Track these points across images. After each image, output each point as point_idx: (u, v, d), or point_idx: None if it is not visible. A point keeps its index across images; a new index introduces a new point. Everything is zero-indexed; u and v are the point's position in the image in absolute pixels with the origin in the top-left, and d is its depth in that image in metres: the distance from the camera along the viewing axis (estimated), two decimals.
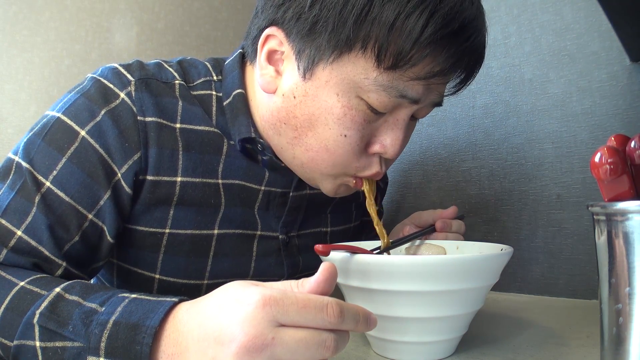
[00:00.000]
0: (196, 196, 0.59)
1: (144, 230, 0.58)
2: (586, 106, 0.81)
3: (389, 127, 0.56)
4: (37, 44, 0.92)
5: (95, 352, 0.39)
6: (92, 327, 0.40)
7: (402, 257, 0.48)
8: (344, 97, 0.53)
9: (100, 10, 1.00)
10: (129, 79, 0.56)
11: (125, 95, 0.55)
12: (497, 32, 0.90)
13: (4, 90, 0.89)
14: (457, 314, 0.47)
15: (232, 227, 0.63)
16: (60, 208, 0.52)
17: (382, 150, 0.56)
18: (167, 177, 0.57)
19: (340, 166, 0.57)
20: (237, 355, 0.35)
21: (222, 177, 0.61)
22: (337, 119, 0.53)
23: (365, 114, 0.53)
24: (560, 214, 0.82)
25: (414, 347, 0.49)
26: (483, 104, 0.93)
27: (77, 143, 0.53)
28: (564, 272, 0.82)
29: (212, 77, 0.63)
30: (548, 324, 0.63)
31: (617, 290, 0.37)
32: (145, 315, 0.40)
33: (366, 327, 0.39)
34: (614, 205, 0.37)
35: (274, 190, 0.65)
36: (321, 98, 0.53)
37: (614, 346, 0.37)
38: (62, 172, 0.52)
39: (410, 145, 1.04)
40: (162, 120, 0.57)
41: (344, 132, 0.54)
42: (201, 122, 0.60)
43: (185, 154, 0.58)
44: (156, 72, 0.59)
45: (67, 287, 0.45)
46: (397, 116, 0.55)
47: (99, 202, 0.54)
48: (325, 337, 0.36)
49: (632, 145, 0.39)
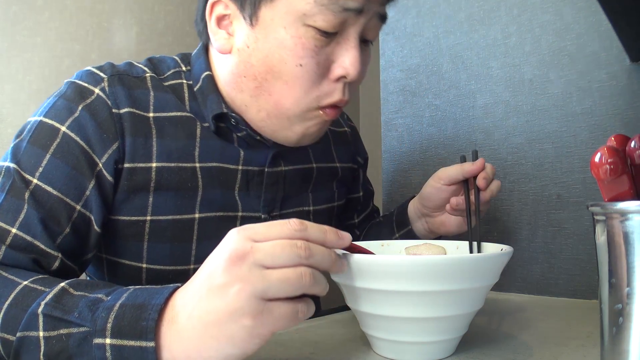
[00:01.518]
0: (173, 180, 0.61)
1: (126, 219, 0.61)
2: (586, 106, 0.81)
3: (343, 49, 0.58)
4: (37, 44, 0.92)
5: (102, 334, 0.40)
6: (99, 312, 0.41)
7: (402, 257, 0.48)
8: (291, 28, 0.55)
9: (100, 10, 1.00)
10: (101, 76, 0.60)
11: (99, 91, 0.59)
12: (497, 32, 0.90)
13: (4, 90, 0.89)
14: (457, 314, 0.47)
15: (212, 210, 0.65)
16: (49, 202, 0.54)
17: (344, 72, 0.58)
18: (142, 163, 0.60)
19: (304, 100, 0.58)
20: (227, 271, 0.38)
21: (199, 161, 0.63)
22: (289, 50, 0.56)
23: (315, 39, 0.55)
24: (560, 214, 0.83)
25: (414, 347, 0.49)
26: (483, 104, 0.93)
27: (59, 139, 0.56)
28: (564, 272, 0.82)
29: (181, 68, 0.67)
30: (548, 324, 0.63)
31: (617, 290, 0.37)
32: (150, 296, 0.41)
33: (336, 237, 0.43)
34: (614, 205, 0.37)
35: (251, 169, 0.67)
36: (271, 37, 0.56)
37: (614, 346, 0.37)
38: (47, 167, 0.55)
39: (410, 145, 1.04)
40: (136, 111, 0.60)
41: (298, 62, 0.56)
42: (174, 109, 0.63)
43: (159, 140, 0.61)
44: (127, 69, 0.63)
45: (71, 283, 0.46)
46: (347, 36, 0.57)
47: (85, 193, 0.56)
48: (296, 241, 0.40)
49: (632, 145, 0.40)
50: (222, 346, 0.38)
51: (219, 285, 0.38)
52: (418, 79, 1.03)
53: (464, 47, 0.96)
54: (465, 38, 0.95)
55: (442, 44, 0.99)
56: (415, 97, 1.03)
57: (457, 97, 0.97)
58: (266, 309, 0.38)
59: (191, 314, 0.39)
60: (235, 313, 0.38)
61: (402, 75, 1.06)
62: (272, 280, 0.38)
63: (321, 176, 0.77)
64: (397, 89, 1.07)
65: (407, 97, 1.05)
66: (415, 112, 1.03)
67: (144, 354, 0.39)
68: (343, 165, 0.82)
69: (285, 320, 0.39)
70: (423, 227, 0.78)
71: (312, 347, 0.54)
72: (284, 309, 0.39)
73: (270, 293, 0.38)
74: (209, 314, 0.38)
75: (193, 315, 0.39)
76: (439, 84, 1.00)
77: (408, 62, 1.05)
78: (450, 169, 0.70)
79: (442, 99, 0.99)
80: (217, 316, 0.38)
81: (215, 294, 0.38)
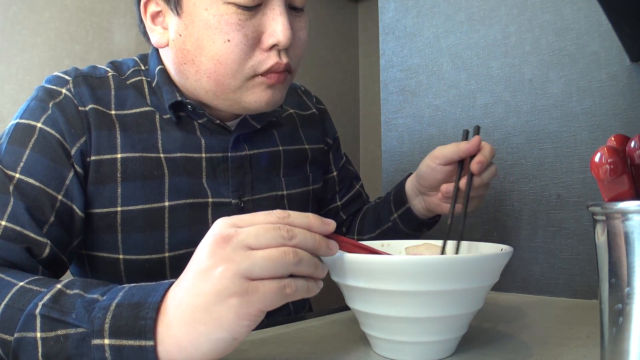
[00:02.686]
0: (138, 170, 0.64)
1: (98, 212, 0.63)
2: (586, 106, 0.81)
3: (270, 18, 0.60)
4: (37, 44, 0.92)
5: (99, 334, 0.40)
6: (95, 312, 0.41)
7: (402, 257, 0.48)
8: (212, 7, 0.59)
9: (100, 10, 1.00)
10: (66, 79, 0.65)
11: (66, 91, 0.64)
12: (497, 32, 0.90)
13: (4, 90, 0.89)
14: (457, 314, 0.47)
15: (182, 198, 0.66)
16: (32, 193, 0.57)
17: (275, 41, 0.60)
18: (107, 155, 0.63)
19: (239, 72, 0.61)
20: (211, 253, 0.39)
21: (163, 152, 0.66)
22: (215, 29, 0.59)
23: (237, 14, 0.58)
24: (560, 214, 0.83)
25: (414, 347, 0.49)
26: (483, 104, 0.93)
27: (36, 134, 0.60)
28: (564, 272, 0.82)
29: (140, 67, 0.71)
30: (548, 324, 0.63)
31: (617, 290, 0.37)
32: (146, 294, 0.41)
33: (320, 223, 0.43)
34: (614, 205, 0.37)
35: (214, 155, 0.69)
36: (197, 20, 0.60)
37: (614, 346, 0.37)
38: (28, 161, 0.58)
39: (411, 145, 1.04)
40: (99, 107, 0.64)
41: (226, 38, 0.59)
42: (134, 105, 0.67)
43: (122, 133, 0.64)
44: (90, 71, 0.67)
45: (67, 284, 0.46)
46: (272, 5, 0.60)
47: (65, 182, 0.60)
48: (279, 226, 0.40)
49: (632, 145, 0.39)
50: (211, 330, 0.38)
51: (205, 269, 0.39)
52: (418, 79, 1.03)
53: (464, 47, 0.96)
54: (465, 38, 0.95)
55: (442, 44, 0.99)
56: (415, 97, 1.03)
57: (457, 97, 0.97)
58: (252, 287, 0.38)
59: (180, 302, 0.39)
60: (221, 293, 0.38)
61: (402, 75, 1.06)
62: (256, 259, 0.39)
63: (290, 159, 0.78)
64: (397, 89, 1.07)
65: (407, 97, 1.05)
66: (415, 112, 1.03)
67: (144, 353, 0.39)
68: (312, 147, 0.83)
69: (272, 296, 0.39)
70: (421, 205, 0.76)
71: (312, 347, 0.54)
72: (269, 286, 0.39)
73: (255, 272, 0.39)
74: (197, 298, 0.38)
75: (182, 303, 0.39)
76: (439, 84, 1.00)
77: (408, 62, 1.05)
78: (446, 148, 0.68)
79: (442, 99, 0.99)
80: (204, 299, 0.38)
81: (201, 278, 0.39)
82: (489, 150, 0.66)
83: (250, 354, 0.51)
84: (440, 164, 0.68)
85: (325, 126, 0.88)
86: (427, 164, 0.70)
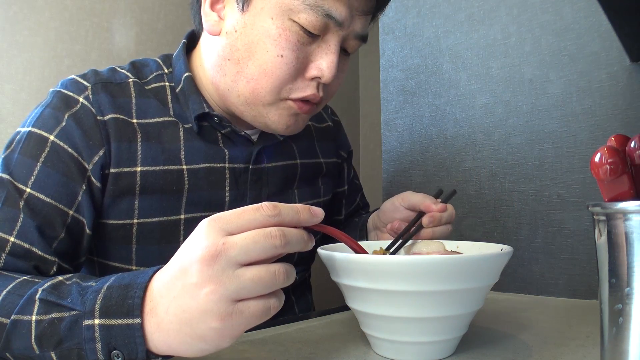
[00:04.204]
0: (157, 184, 0.63)
1: (114, 223, 0.62)
2: (586, 106, 0.81)
3: (322, 52, 0.61)
4: (37, 44, 0.92)
5: (90, 315, 0.41)
6: (88, 294, 0.43)
7: (402, 257, 0.48)
8: (278, 19, 0.58)
9: (100, 10, 1.00)
10: (85, 85, 0.63)
11: (83, 99, 0.61)
12: (497, 32, 0.90)
13: (4, 90, 0.89)
14: (457, 314, 0.47)
15: (198, 211, 0.66)
16: (43, 209, 0.56)
17: (319, 74, 0.61)
18: (127, 168, 0.62)
19: (278, 89, 0.61)
20: (200, 271, 0.38)
21: (186, 163, 0.65)
22: (273, 40, 0.58)
23: (298, 35, 0.59)
24: (560, 214, 0.83)
25: (414, 347, 0.49)
26: (483, 104, 0.93)
27: (48, 148, 0.58)
28: (564, 272, 0.82)
29: (163, 71, 0.69)
30: (548, 324, 0.63)
31: (617, 290, 0.37)
32: (135, 276, 0.43)
33: (309, 216, 0.42)
34: (614, 205, 0.37)
35: (237, 166, 0.69)
36: (258, 24, 0.59)
37: (614, 346, 0.37)
38: (39, 176, 0.57)
39: (410, 145, 1.04)
40: (120, 116, 0.62)
41: (280, 53, 0.59)
42: (156, 114, 0.65)
43: (144, 144, 0.63)
44: (110, 76, 0.65)
45: (67, 277, 0.48)
46: (328, 42, 0.61)
47: (77, 198, 0.59)
48: (270, 229, 0.39)
49: (632, 145, 0.39)
50: (195, 343, 0.39)
51: (192, 285, 0.39)
52: (418, 79, 1.03)
53: (464, 47, 0.96)
54: (465, 38, 0.95)
55: (442, 44, 0.99)
56: (415, 97, 1.03)
57: (457, 97, 0.97)
58: (236, 311, 0.38)
59: (168, 309, 0.40)
60: (205, 314, 0.38)
61: (402, 75, 1.06)
62: (244, 281, 0.38)
63: (306, 172, 0.78)
64: (397, 89, 1.07)
65: (407, 97, 1.05)
66: (415, 112, 1.03)
67: (131, 331, 0.40)
68: (327, 161, 0.83)
69: (255, 318, 0.39)
70: (374, 239, 0.78)
71: (312, 347, 0.54)
72: (254, 308, 0.39)
73: (242, 294, 0.38)
74: (183, 313, 0.39)
75: (169, 312, 0.40)
76: (439, 84, 1.00)
77: (408, 62, 1.05)
78: (416, 195, 0.70)
79: (442, 99, 0.99)
80: (189, 315, 0.39)
81: (188, 293, 0.39)
82: (448, 213, 0.67)
83: (250, 354, 0.51)
84: (403, 206, 0.71)
85: (340, 139, 0.89)
86: (392, 202, 0.73)
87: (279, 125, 0.64)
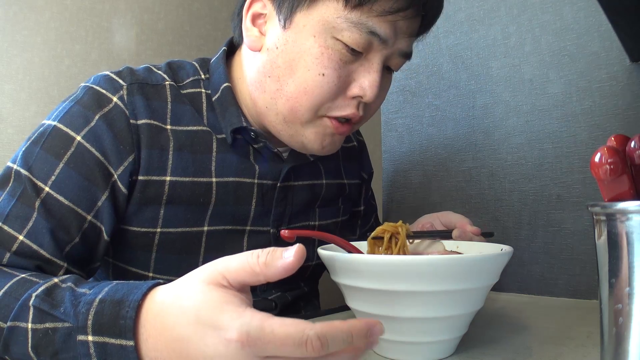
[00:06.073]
0: (185, 195, 0.61)
1: (137, 230, 0.60)
2: (586, 106, 0.81)
3: (365, 70, 0.59)
4: (37, 44, 0.92)
5: (84, 330, 0.40)
6: (80, 306, 0.41)
7: (402, 257, 0.48)
8: (320, 37, 0.57)
9: (100, 10, 1.00)
10: (120, 83, 0.59)
11: (118, 100, 0.58)
12: (497, 32, 0.90)
13: (4, 90, 0.89)
14: (457, 314, 0.47)
15: (222, 224, 0.65)
16: (60, 212, 0.54)
17: (360, 93, 0.59)
18: (156, 176, 0.60)
19: (317, 107, 0.59)
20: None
21: (216, 176, 0.64)
22: (315, 58, 0.57)
23: (341, 53, 0.57)
24: (560, 214, 0.83)
25: (414, 347, 0.49)
26: (483, 104, 0.93)
27: (73, 148, 0.55)
28: (564, 272, 0.82)
29: (200, 76, 0.67)
30: (548, 324, 0.63)
31: (617, 290, 0.37)
32: (129, 291, 0.41)
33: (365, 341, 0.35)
34: (614, 205, 0.37)
35: (265, 183, 0.67)
36: (300, 42, 0.58)
37: (614, 346, 0.37)
38: (60, 176, 0.54)
39: (410, 145, 1.04)
40: (154, 122, 0.60)
41: (322, 71, 0.57)
42: (190, 122, 0.63)
43: (176, 153, 0.61)
44: (146, 76, 0.62)
45: (63, 279, 0.46)
46: (371, 60, 0.59)
47: (97, 204, 0.56)
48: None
49: (632, 145, 0.39)
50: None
51: None
52: (418, 79, 1.03)
53: (464, 47, 0.96)
54: (465, 38, 0.95)
55: (442, 44, 0.99)
56: (415, 97, 1.03)
57: (457, 97, 0.97)
58: None
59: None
60: None
61: (402, 75, 1.06)
62: None
63: (329, 193, 0.77)
64: (397, 89, 1.07)
65: (407, 97, 1.05)
66: (415, 112, 1.03)
67: (125, 352, 0.39)
68: (350, 182, 0.82)
69: None
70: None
71: None
72: None
73: None
74: None
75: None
76: (439, 84, 1.00)
77: (408, 62, 1.05)
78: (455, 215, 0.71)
79: (442, 99, 0.99)
80: None
81: None
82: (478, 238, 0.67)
83: None
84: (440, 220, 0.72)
85: (363, 160, 0.87)
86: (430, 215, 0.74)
87: (315, 145, 0.63)
